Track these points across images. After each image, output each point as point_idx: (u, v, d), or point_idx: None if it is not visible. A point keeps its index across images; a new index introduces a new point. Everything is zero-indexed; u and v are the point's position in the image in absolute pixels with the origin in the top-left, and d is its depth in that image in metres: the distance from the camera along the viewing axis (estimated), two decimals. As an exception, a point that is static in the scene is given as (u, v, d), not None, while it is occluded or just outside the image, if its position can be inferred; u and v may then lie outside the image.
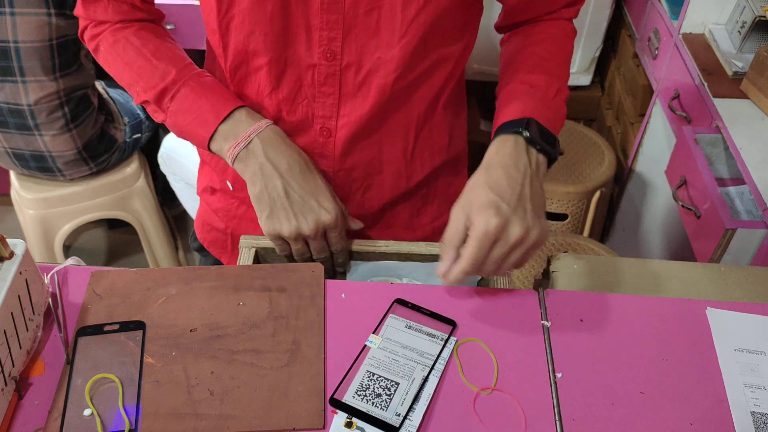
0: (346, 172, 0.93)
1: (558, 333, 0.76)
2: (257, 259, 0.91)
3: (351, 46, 0.82)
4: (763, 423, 0.69)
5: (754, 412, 0.70)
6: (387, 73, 0.84)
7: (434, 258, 0.89)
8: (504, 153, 0.79)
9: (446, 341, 0.74)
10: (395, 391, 0.69)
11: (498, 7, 0.97)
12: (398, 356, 0.73)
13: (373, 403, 0.68)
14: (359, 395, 0.69)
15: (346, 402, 0.68)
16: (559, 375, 0.72)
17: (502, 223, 0.72)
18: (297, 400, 0.68)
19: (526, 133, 0.79)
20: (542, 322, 0.77)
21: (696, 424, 0.68)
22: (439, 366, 0.72)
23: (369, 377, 0.70)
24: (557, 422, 0.68)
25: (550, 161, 0.82)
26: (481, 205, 0.74)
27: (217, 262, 1.14)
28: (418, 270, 0.90)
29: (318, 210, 0.84)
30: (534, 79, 0.87)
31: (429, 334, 0.75)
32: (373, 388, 0.69)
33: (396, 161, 0.94)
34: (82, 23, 0.93)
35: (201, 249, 1.16)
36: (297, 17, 0.81)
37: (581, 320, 0.77)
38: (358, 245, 0.90)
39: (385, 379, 0.70)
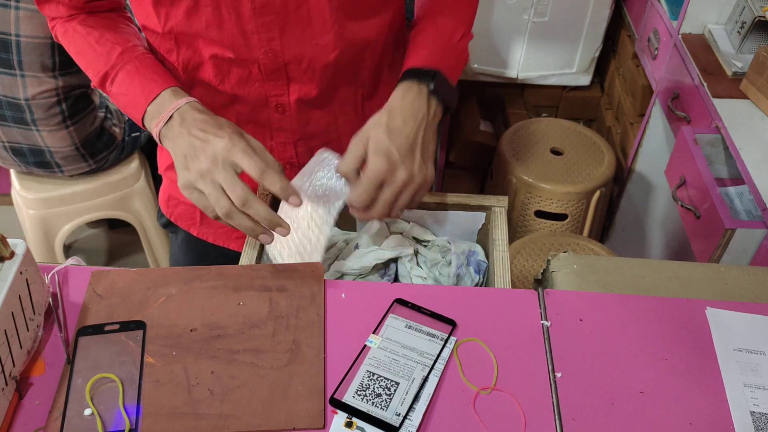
0: (305, 142, 1.00)
1: (558, 333, 0.76)
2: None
3: (289, 41, 0.88)
4: (762, 423, 0.69)
5: (754, 412, 0.70)
6: (326, 54, 0.90)
7: (438, 206, 0.98)
8: (407, 100, 0.86)
9: (446, 341, 0.74)
10: (395, 391, 0.69)
11: (496, 7, 1.00)
12: (398, 356, 0.73)
13: (373, 402, 0.68)
14: (359, 395, 0.69)
15: (346, 402, 0.68)
16: (559, 375, 0.72)
17: (390, 168, 0.81)
18: (297, 400, 0.69)
19: (432, 86, 0.87)
20: (542, 321, 0.77)
21: (696, 424, 0.68)
22: (439, 366, 0.72)
23: (369, 377, 0.70)
24: (557, 422, 0.68)
25: (446, 111, 0.90)
26: (376, 148, 0.82)
27: (188, 236, 1.17)
28: (423, 217, 0.99)
29: (213, 140, 0.79)
30: (441, 22, 0.94)
31: (429, 334, 0.75)
32: (373, 388, 0.69)
33: (350, 123, 1.01)
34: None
35: (168, 224, 1.20)
36: (231, 24, 0.86)
37: (581, 320, 0.77)
38: None
39: (385, 379, 0.70)
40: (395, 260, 0.95)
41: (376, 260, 0.92)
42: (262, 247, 0.92)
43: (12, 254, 0.69)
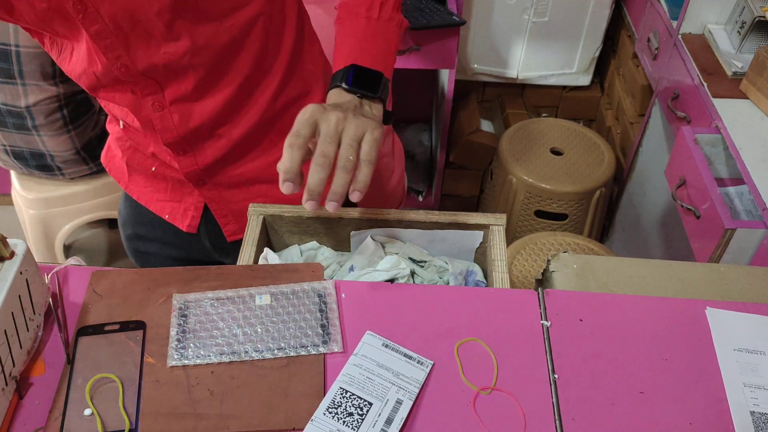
0: (193, 132, 0.97)
1: (558, 333, 0.76)
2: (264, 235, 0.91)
3: (137, 55, 0.87)
4: (762, 423, 0.69)
5: (754, 412, 0.70)
6: (179, 59, 0.88)
7: (434, 225, 0.93)
8: (332, 102, 0.85)
9: (422, 363, 0.72)
10: (367, 411, 0.67)
11: (496, 7, 0.97)
12: (373, 375, 0.71)
13: (344, 422, 0.66)
14: (330, 412, 0.67)
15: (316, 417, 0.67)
16: (558, 375, 0.72)
17: (343, 117, 0.78)
18: (297, 400, 0.69)
19: (345, 85, 0.87)
20: (542, 322, 0.77)
21: (696, 424, 0.68)
22: (414, 389, 0.70)
23: (342, 394, 0.68)
24: (557, 422, 0.68)
25: (376, 97, 0.87)
26: (327, 108, 0.79)
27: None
28: (419, 237, 0.95)
29: None
30: (352, 3, 0.93)
31: (406, 355, 0.73)
32: (345, 407, 0.68)
33: (239, 109, 0.98)
34: None
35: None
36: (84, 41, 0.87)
37: (581, 320, 0.77)
38: (364, 213, 0.93)
39: (358, 398, 0.68)
40: (391, 281, 0.94)
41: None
42: (260, 246, 0.92)
43: (12, 254, 0.69)
